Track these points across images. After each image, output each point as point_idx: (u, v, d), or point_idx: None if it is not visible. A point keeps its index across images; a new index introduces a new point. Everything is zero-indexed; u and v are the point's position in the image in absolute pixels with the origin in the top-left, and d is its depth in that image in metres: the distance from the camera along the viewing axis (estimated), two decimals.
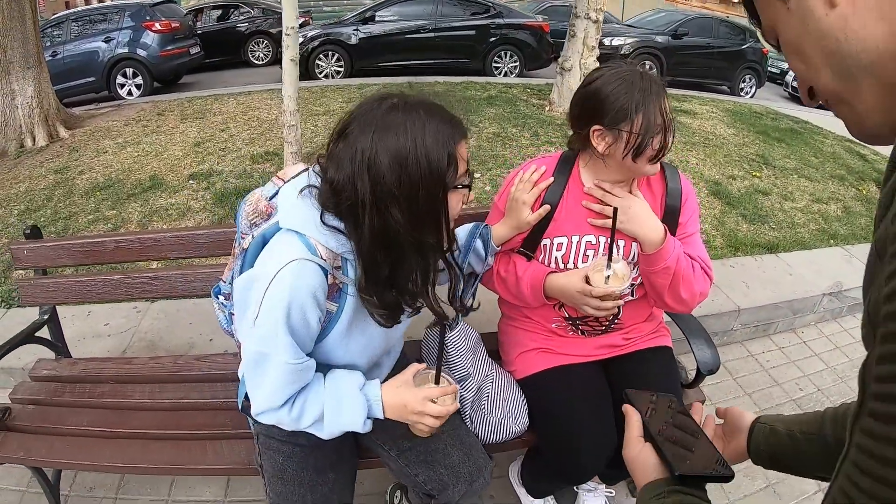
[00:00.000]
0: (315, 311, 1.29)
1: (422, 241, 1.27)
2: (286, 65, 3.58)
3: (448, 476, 1.62)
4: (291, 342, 1.28)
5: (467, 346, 1.84)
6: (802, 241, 4.48)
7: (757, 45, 13.44)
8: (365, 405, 1.38)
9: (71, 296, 2.18)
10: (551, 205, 1.82)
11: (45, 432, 2.00)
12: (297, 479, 1.58)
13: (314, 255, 1.28)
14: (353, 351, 1.45)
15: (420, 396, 1.37)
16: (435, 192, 1.24)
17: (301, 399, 1.37)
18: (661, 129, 1.64)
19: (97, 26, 10.05)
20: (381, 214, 1.22)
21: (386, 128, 1.21)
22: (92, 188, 4.77)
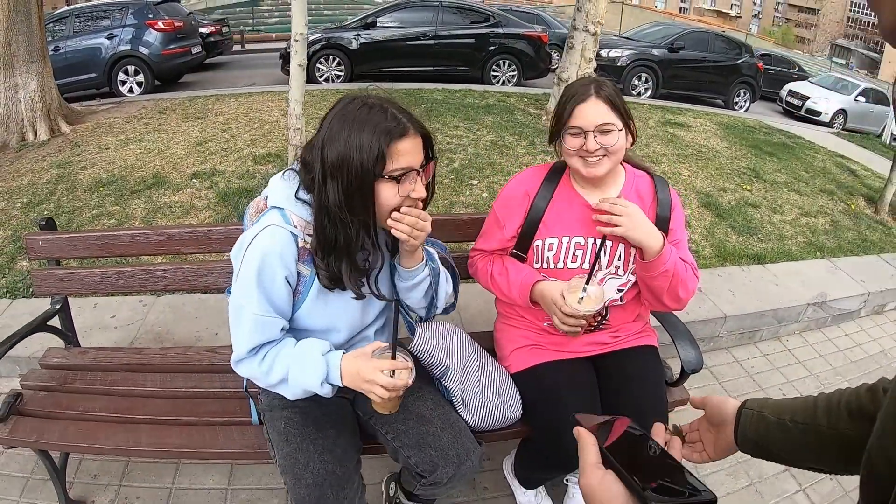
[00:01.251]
0: (282, 270, 1.53)
1: (349, 218, 1.48)
2: (294, 69, 3.67)
3: (437, 457, 1.70)
4: (260, 296, 1.53)
5: (434, 343, 1.92)
6: (789, 252, 4.59)
7: (752, 60, 13.64)
8: (325, 369, 1.55)
9: (85, 287, 2.25)
10: (541, 207, 1.98)
11: (58, 417, 2.06)
12: (300, 436, 1.71)
13: (287, 224, 1.54)
14: (331, 313, 1.67)
15: (371, 366, 1.51)
16: (363, 179, 1.46)
17: (272, 355, 1.59)
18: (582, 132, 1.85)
19: (100, 23, 10.08)
20: (328, 191, 1.47)
21: (342, 120, 1.48)
22: (95, 183, 4.84)
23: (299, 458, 1.67)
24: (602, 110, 1.84)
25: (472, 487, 2.49)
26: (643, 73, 12.17)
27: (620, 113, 1.87)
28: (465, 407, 1.90)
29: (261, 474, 2.45)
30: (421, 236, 1.57)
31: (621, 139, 1.86)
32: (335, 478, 1.65)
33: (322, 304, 1.64)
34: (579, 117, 1.85)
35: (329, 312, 1.66)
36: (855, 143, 9.70)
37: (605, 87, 1.86)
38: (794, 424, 1.06)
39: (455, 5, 11.41)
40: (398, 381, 1.50)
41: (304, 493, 1.62)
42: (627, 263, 1.96)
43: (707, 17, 38.64)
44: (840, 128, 14.72)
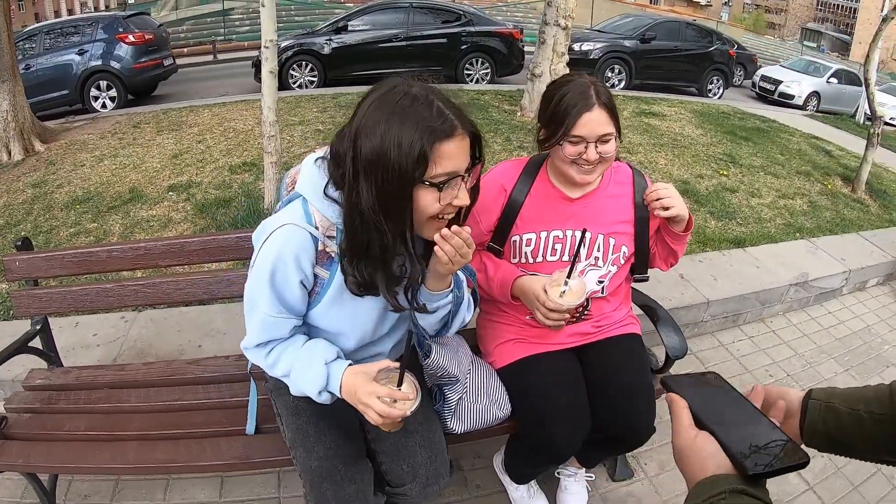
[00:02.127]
0: (297, 273, 1.45)
1: (384, 223, 1.34)
2: (265, 76, 3.65)
3: (408, 473, 1.70)
4: (272, 296, 1.47)
5: (448, 358, 1.84)
6: (769, 235, 4.63)
7: (724, 48, 13.77)
8: (325, 378, 1.50)
9: (64, 305, 2.23)
10: (518, 201, 1.99)
11: (44, 439, 2.04)
12: (311, 410, 1.70)
13: (307, 223, 1.43)
14: (342, 319, 1.58)
15: (368, 389, 1.44)
16: (401, 182, 1.30)
17: (278, 350, 1.56)
18: (584, 141, 1.84)
19: (70, 39, 10.03)
20: (356, 190, 1.33)
21: (381, 107, 1.32)
22: (71, 201, 4.79)
23: (310, 431, 1.66)
24: (604, 120, 1.83)
25: (463, 486, 2.49)
26: (616, 64, 12.25)
27: (616, 118, 1.87)
28: (454, 416, 1.87)
29: (252, 485, 2.43)
30: (460, 262, 1.43)
31: (616, 144, 1.89)
32: (346, 452, 1.65)
33: (336, 310, 1.56)
34: (583, 127, 1.81)
35: (342, 318, 1.58)
36: (829, 124, 9.81)
37: (602, 92, 1.85)
38: (871, 415, 0.99)
39: (426, 5, 11.44)
40: (393, 411, 1.42)
41: (316, 465, 1.61)
42: (607, 255, 1.98)
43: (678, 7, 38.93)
44: (814, 110, 14.88)
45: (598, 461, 2.44)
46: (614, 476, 2.56)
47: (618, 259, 2.01)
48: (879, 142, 6.11)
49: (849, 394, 1.03)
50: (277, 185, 3.96)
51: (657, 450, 2.73)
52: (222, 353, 2.43)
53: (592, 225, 1.95)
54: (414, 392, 1.47)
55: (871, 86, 6.25)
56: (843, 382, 3.38)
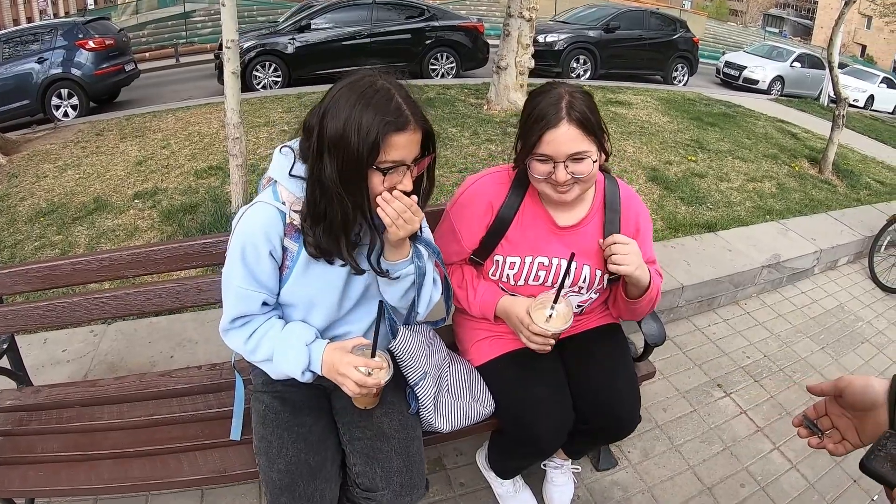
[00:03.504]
0: (266, 245, 1.56)
1: (345, 196, 1.46)
2: (228, 78, 3.58)
3: (381, 479, 1.68)
4: (244, 270, 1.57)
5: (418, 345, 1.84)
6: (740, 218, 4.69)
7: (688, 35, 13.89)
8: (307, 358, 1.59)
9: (30, 322, 2.15)
10: (507, 218, 1.89)
11: (17, 462, 1.98)
12: (276, 422, 1.73)
13: (276, 200, 1.57)
14: (312, 289, 1.65)
15: (346, 360, 1.55)
16: (357, 164, 1.43)
17: (259, 335, 1.63)
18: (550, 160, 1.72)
19: (29, 47, 9.77)
20: (320, 164, 1.46)
21: (350, 91, 1.45)
22: (35, 214, 4.68)
23: (273, 443, 1.69)
24: (574, 137, 1.68)
25: (447, 484, 2.47)
26: (581, 55, 12.28)
27: (595, 135, 1.72)
28: (437, 414, 1.84)
29: (233, 496, 2.39)
30: (406, 228, 1.51)
31: (594, 165, 1.73)
32: (308, 467, 1.65)
33: (306, 281, 1.63)
34: (548, 145, 1.69)
35: (312, 288, 1.65)
36: (794, 107, 9.96)
37: (576, 105, 1.69)
38: None
39: (388, 2, 11.35)
40: (369, 380, 1.52)
41: (276, 477, 1.64)
42: (592, 284, 1.94)
43: None
44: (778, 94, 15.11)
45: (584, 453, 2.44)
46: (598, 466, 2.57)
47: (602, 288, 1.98)
48: (844, 123, 6.20)
49: None
50: (244, 189, 3.90)
51: (640, 437, 2.75)
52: (195, 362, 2.38)
53: (582, 257, 1.88)
54: (386, 363, 1.59)
55: (835, 69, 6.33)
56: (820, 360, 3.44)
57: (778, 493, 2.53)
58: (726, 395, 3.09)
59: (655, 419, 2.87)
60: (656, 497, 2.48)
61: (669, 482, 2.55)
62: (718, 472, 2.61)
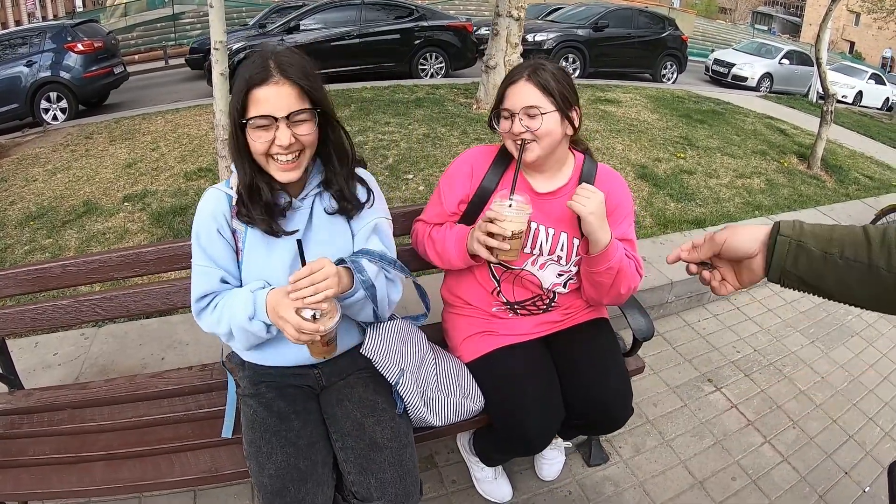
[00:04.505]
0: (213, 224, 1.68)
1: (241, 160, 1.63)
2: (216, 79, 3.58)
3: (375, 489, 1.67)
4: (199, 250, 1.70)
5: (389, 343, 1.85)
6: (728, 214, 4.71)
7: (676, 33, 13.93)
8: (252, 305, 1.62)
9: (21, 325, 2.15)
10: (489, 188, 1.98)
11: (9, 465, 1.97)
12: (264, 426, 1.74)
13: (226, 187, 1.72)
14: (267, 268, 1.71)
15: (285, 304, 1.53)
16: (235, 123, 1.57)
17: (220, 306, 1.70)
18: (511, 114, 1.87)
19: (17, 50, 9.69)
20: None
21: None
22: (25, 218, 4.66)
23: (262, 448, 1.69)
24: (530, 92, 1.83)
25: (439, 481, 2.49)
26: (570, 53, 12.29)
27: (553, 97, 1.84)
28: (427, 409, 1.85)
29: (225, 497, 2.39)
30: (328, 292, 1.50)
31: (550, 123, 1.84)
32: (297, 471, 1.65)
33: (258, 259, 1.70)
34: (508, 99, 1.87)
35: (265, 269, 1.71)
36: (782, 104, 10.01)
37: (541, 71, 1.85)
38: (846, 262, 0.97)
39: (377, 2, 11.34)
40: (306, 325, 1.50)
41: (266, 482, 1.64)
42: (570, 255, 1.97)
43: None
44: (767, 91, 15.17)
45: (575, 436, 2.46)
46: (590, 461, 2.58)
47: (580, 259, 2.00)
48: (833, 119, 6.24)
49: (819, 234, 1.01)
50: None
51: (631, 432, 2.77)
52: (186, 364, 2.39)
53: (558, 224, 1.94)
54: (331, 307, 1.56)
55: (823, 65, 6.38)
56: (810, 354, 3.46)
57: (769, 486, 2.55)
58: (717, 389, 3.11)
59: (646, 414, 2.89)
60: (648, 491, 2.49)
61: (661, 476, 2.57)
62: (710, 466, 2.63)
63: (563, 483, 2.50)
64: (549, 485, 2.49)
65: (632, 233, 2.03)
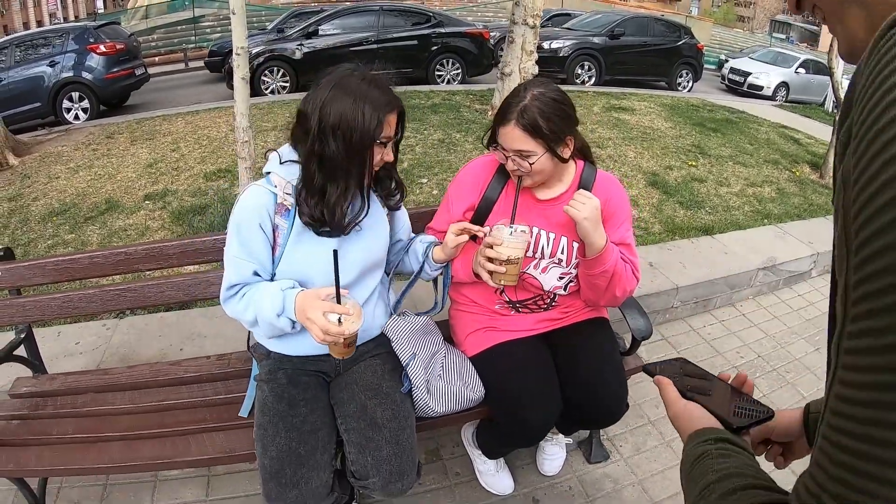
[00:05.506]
0: (256, 218, 1.77)
1: (350, 168, 1.73)
2: (237, 83, 3.68)
3: (372, 466, 1.77)
4: (238, 242, 1.78)
5: (411, 330, 2.05)
6: (737, 222, 4.74)
7: (692, 41, 13.91)
8: (281, 302, 1.72)
9: (48, 313, 2.25)
10: (491, 199, 2.07)
11: (32, 443, 2.07)
12: (274, 410, 1.85)
13: (268, 184, 1.80)
14: (305, 262, 1.83)
15: (315, 305, 1.65)
16: (364, 140, 1.70)
17: (248, 295, 1.80)
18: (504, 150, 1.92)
19: (41, 50, 9.93)
20: (322, 143, 1.70)
21: (342, 87, 1.72)
22: (48, 214, 4.80)
23: (268, 431, 1.80)
24: (518, 137, 1.87)
25: (443, 473, 2.56)
26: (586, 61, 12.35)
27: (542, 138, 1.86)
28: (430, 395, 1.95)
29: (238, 482, 2.48)
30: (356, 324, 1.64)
31: (540, 164, 1.89)
32: (296, 456, 1.75)
33: (298, 257, 1.82)
34: (501, 137, 1.92)
35: (304, 265, 1.83)
36: (798, 113, 9.98)
37: (529, 111, 1.85)
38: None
39: (396, 8, 11.50)
40: (332, 328, 1.61)
41: (267, 463, 1.76)
42: (570, 257, 2.04)
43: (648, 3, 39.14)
44: (783, 100, 15.11)
45: (574, 431, 2.53)
46: (590, 459, 2.64)
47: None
48: None
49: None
50: None
51: (632, 431, 2.82)
52: (203, 355, 2.47)
53: (559, 228, 2.02)
54: (357, 312, 1.66)
55: (836, 74, 6.39)
56: (814, 361, 3.49)
57: None
58: None
59: (648, 415, 2.95)
60: (647, 489, 2.55)
61: (660, 475, 2.62)
62: None
63: (564, 478, 2.57)
64: (550, 479, 2.56)
65: (629, 237, 2.09)
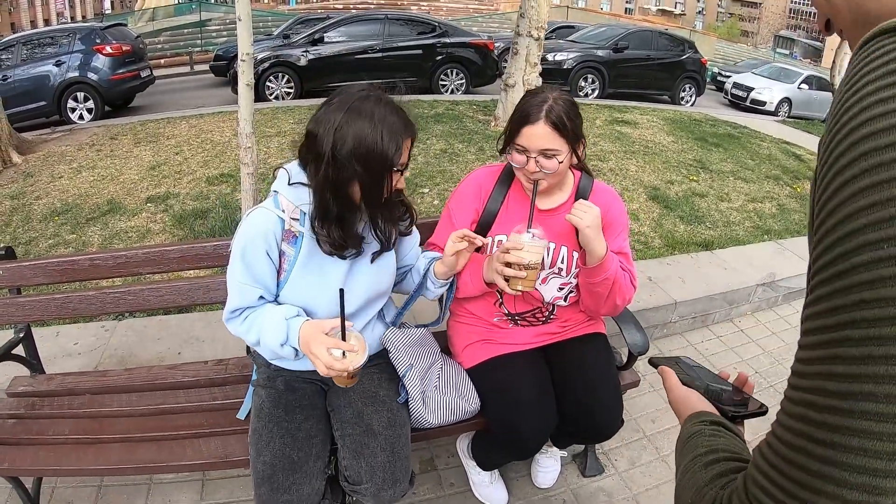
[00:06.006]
0: (263, 245, 1.72)
1: (369, 197, 1.68)
2: (242, 89, 3.70)
3: (365, 472, 1.78)
4: (243, 267, 1.73)
5: (408, 342, 2.04)
6: (737, 238, 4.75)
7: (696, 56, 13.95)
8: (285, 332, 1.71)
9: (47, 313, 2.26)
10: (493, 210, 2.08)
11: (28, 443, 2.08)
12: (269, 416, 1.85)
13: (276, 208, 1.73)
14: (311, 291, 1.80)
15: (319, 340, 1.64)
16: (382, 166, 1.64)
17: (251, 317, 1.77)
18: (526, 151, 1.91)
19: (47, 49, 9.99)
20: (339, 169, 1.62)
21: (358, 111, 1.63)
22: (50, 213, 4.81)
23: (262, 435, 1.81)
24: (547, 134, 1.87)
25: (438, 483, 2.57)
26: (589, 74, 12.40)
27: (567, 136, 1.89)
28: (425, 406, 1.96)
29: (232, 487, 2.48)
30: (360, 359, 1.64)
31: (563, 165, 1.91)
32: (290, 461, 1.76)
33: (303, 285, 1.78)
34: (525, 138, 1.90)
35: (310, 290, 1.79)
36: (800, 129, 9.98)
37: (556, 109, 1.87)
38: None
39: (401, 17, 11.58)
40: (336, 364, 1.61)
41: (260, 467, 1.75)
42: (570, 266, 2.05)
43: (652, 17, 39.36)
44: (785, 116, 15.12)
45: (569, 444, 2.53)
46: (585, 472, 2.64)
47: (579, 272, 2.08)
48: None
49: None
50: (255, 196, 4.01)
51: (627, 446, 2.82)
52: (202, 359, 2.47)
53: (559, 238, 2.03)
54: (361, 346, 1.67)
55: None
56: None
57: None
58: None
59: (644, 429, 2.95)
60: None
61: (655, 490, 2.62)
62: None
63: (558, 491, 2.57)
64: (545, 492, 2.56)
65: (627, 246, 2.11)
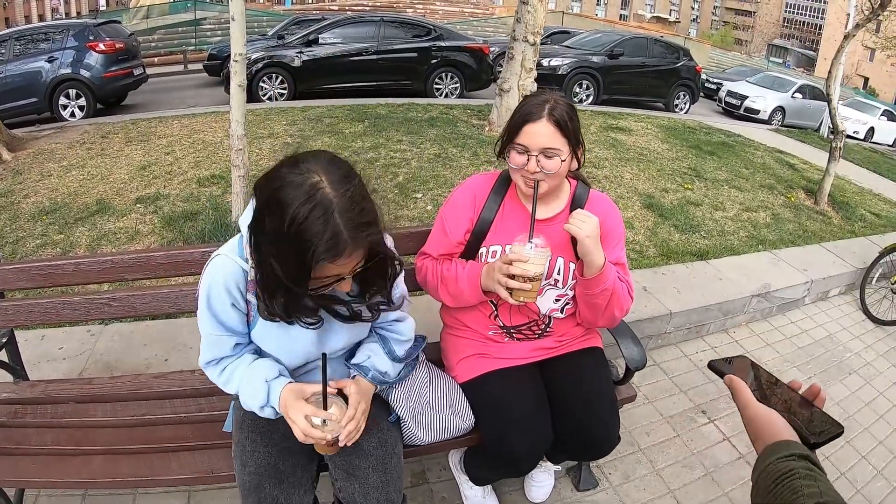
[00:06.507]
0: (227, 298, 1.58)
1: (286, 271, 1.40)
2: (234, 90, 3.65)
3: (359, 494, 1.73)
4: (211, 318, 1.61)
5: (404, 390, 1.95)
6: (732, 247, 4.74)
7: (690, 63, 13.99)
8: (265, 395, 1.62)
9: (31, 318, 2.20)
10: (488, 219, 2.03)
11: (9, 453, 2.02)
12: (252, 426, 1.78)
13: (238, 256, 1.58)
14: (280, 341, 1.68)
15: (297, 407, 1.57)
16: (295, 277, 1.40)
17: (230, 370, 1.69)
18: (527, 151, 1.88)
19: (40, 46, 9.90)
20: (260, 252, 1.44)
21: (290, 200, 1.35)
22: (38, 212, 4.74)
23: (246, 446, 1.75)
24: (549, 132, 1.86)
25: (429, 497, 2.52)
26: (584, 80, 12.39)
27: (568, 136, 1.88)
28: (416, 425, 1.91)
29: (219, 500, 2.43)
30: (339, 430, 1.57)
31: (564, 166, 1.89)
32: (276, 471, 1.71)
33: (272, 333, 1.66)
34: (526, 136, 1.87)
35: (279, 340, 1.68)
36: (793, 138, 10.03)
37: (558, 108, 1.87)
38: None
39: (396, 20, 11.56)
40: (313, 432, 1.54)
41: (246, 479, 1.70)
42: (567, 277, 2.02)
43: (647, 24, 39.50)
44: (779, 124, 15.22)
45: (563, 460, 2.50)
46: (579, 486, 2.60)
47: (576, 283, 2.04)
48: (842, 155, 6.28)
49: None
50: (245, 199, 3.96)
51: (622, 460, 2.79)
52: (189, 367, 2.42)
53: (555, 248, 1.98)
54: (342, 416, 1.58)
55: (834, 101, 6.41)
56: None
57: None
58: (710, 421, 3.13)
59: (638, 443, 2.91)
60: None
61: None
62: (698, 497, 2.64)
63: None
64: None
65: (623, 256, 2.08)
